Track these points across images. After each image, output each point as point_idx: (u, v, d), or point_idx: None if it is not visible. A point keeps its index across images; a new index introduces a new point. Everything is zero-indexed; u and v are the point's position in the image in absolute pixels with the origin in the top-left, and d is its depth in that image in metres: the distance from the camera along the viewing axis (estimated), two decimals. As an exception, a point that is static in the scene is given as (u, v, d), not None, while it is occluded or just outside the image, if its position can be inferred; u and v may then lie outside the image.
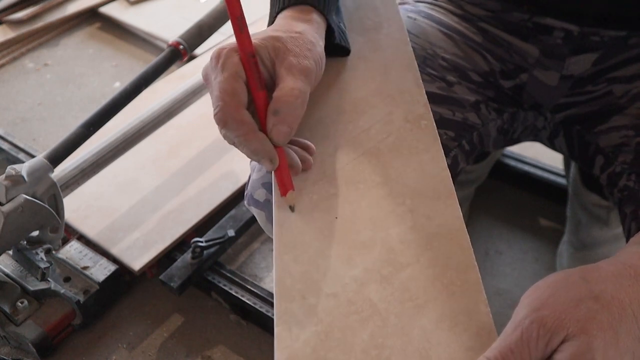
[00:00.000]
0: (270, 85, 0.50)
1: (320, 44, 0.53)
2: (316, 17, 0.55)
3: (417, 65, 0.58)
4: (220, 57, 0.48)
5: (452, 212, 0.46)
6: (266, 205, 0.57)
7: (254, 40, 0.49)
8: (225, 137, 0.49)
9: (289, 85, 0.48)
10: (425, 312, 0.40)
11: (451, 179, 0.49)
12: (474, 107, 0.68)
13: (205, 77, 0.51)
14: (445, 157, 0.67)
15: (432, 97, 0.66)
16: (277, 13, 0.57)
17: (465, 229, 0.45)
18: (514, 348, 0.36)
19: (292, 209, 0.47)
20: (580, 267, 0.41)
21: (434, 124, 0.53)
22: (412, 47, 0.62)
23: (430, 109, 0.55)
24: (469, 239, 0.45)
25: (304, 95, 0.48)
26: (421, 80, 0.57)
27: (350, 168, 0.50)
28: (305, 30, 0.52)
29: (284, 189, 0.48)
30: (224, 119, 0.46)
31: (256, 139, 0.47)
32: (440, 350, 0.39)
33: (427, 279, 0.42)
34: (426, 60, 0.68)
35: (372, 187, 0.48)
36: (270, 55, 0.49)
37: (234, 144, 0.48)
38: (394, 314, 0.40)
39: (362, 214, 0.47)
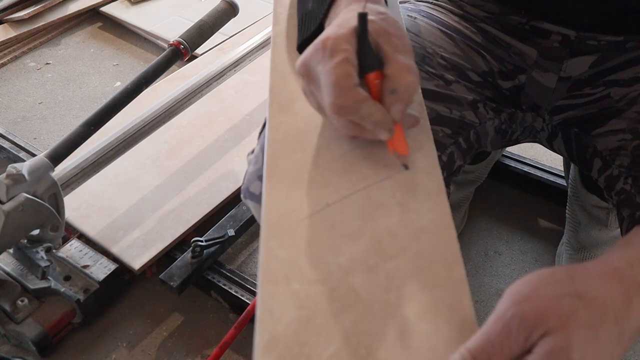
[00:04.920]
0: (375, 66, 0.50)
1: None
2: None
3: None
4: (326, 47, 0.47)
5: (441, 209, 0.47)
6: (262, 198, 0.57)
7: (352, 24, 0.48)
8: (338, 123, 0.48)
9: (403, 63, 0.47)
10: (409, 303, 0.41)
11: (442, 176, 0.49)
12: (471, 106, 0.69)
13: (306, 69, 0.48)
14: (442, 153, 0.67)
15: (430, 95, 0.66)
16: None
17: (453, 226, 0.46)
18: (494, 340, 0.36)
19: (406, 167, 0.49)
20: (568, 265, 0.41)
21: (428, 123, 0.53)
22: (412, 45, 0.63)
23: (425, 108, 0.55)
24: (456, 235, 0.45)
25: (417, 72, 0.48)
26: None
27: (342, 160, 0.50)
28: (386, 11, 0.51)
29: (406, 148, 0.48)
30: (345, 105, 0.45)
31: (378, 110, 0.46)
32: (422, 340, 0.39)
33: (412, 271, 0.43)
34: (425, 59, 0.68)
35: (363, 179, 0.49)
36: (372, 37, 0.48)
37: (346, 127, 0.48)
38: (377, 303, 0.41)
39: (351, 204, 0.47)
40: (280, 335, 0.39)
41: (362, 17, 0.48)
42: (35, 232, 0.99)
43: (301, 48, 0.57)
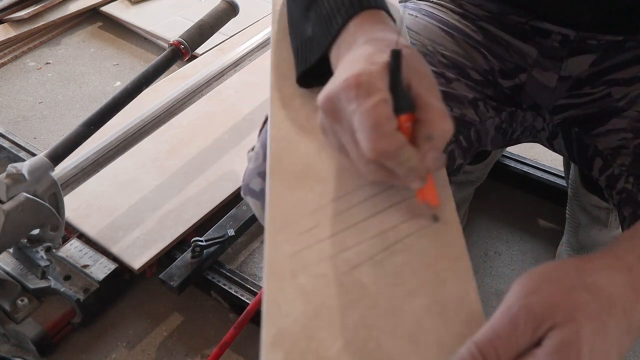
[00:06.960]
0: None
1: None
2: (392, 24, 0.49)
3: None
4: (361, 84, 0.42)
5: (446, 204, 0.47)
6: (262, 195, 0.56)
7: (383, 59, 0.44)
8: (366, 167, 0.43)
9: (439, 109, 0.43)
10: (416, 297, 0.41)
11: (446, 173, 0.49)
12: (472, 104, 0.69)
13: (332, 106, 0.43)
14: None
15: None
16: (349, 19, 0.48)
17: (459, 220, 0.46)
18: (501, 333, 0.36)
19: (436, 218, 0.45)
20: (574, 258, 0.41)
21: None
22: (412, 44, 0.62)
23: None
24: (461, 230, 0.46)
25: (452, 119, 0.43)
26: None
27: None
28: (410, 45, 0.46)
29: (437, 198, 0.46)
30: (386, 150, 0.41)
31: (415, 156, 0.42)
32: (429, 334, 0.39)
33: (419, 265, 0.43)
34: (425, 57, 0.68)
35: None
36: (404, 75, 0.44)
37: (374, 172, 0.43)
38: (385, 297, 0.41)
39: (356, 199, 0.47)
40: (288, 329, 0.39)
41: (396, 54, 0.43)
42: (35, 231, 0.99)
43: (303, 80, 0.53)
